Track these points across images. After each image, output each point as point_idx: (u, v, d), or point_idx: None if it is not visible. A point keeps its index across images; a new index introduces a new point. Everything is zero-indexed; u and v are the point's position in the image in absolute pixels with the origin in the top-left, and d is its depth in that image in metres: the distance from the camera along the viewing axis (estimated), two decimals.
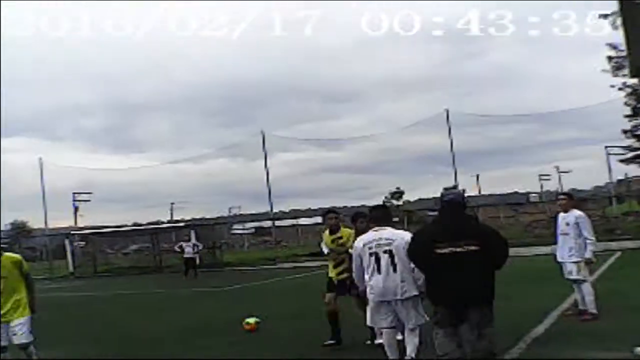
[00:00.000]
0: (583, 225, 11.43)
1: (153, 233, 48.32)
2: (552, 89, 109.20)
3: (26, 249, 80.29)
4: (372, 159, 69.80)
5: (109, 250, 58.08)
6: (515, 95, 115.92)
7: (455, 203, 7.18)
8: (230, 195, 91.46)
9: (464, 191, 48.85)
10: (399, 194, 62.51)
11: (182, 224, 48.65)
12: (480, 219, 39.99)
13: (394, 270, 7.79)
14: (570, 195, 12.66)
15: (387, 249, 7.85)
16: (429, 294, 7.24)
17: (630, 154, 44.41)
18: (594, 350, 8.72)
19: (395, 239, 7.89)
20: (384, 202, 53.78)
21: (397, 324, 8.07)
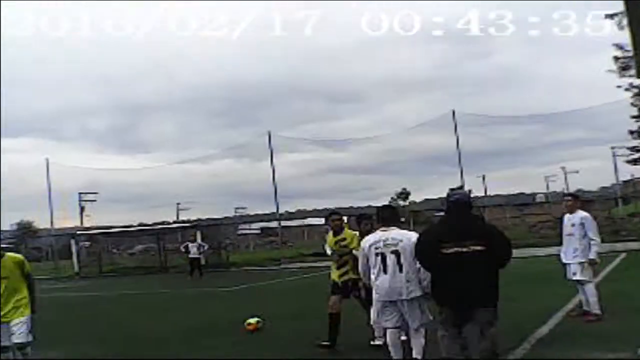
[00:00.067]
0: (588, 226, 11.40)
1: (159, 233, 48.35)
2: (558, 89, 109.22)
3: (32, 249, 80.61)
4: (378, 159, 69.86)
5: (114, 251, 58.14)
6: (520, 96, 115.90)
7: (461, 203, 7.23)
8: (237, 196, 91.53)
9: (470, 192, 48.94)
10: (404, 194, 62.53)
11: (188, 224, 48.68)
12: (487, 220, 40.05)
13: (400, 270, 7.78)
14: (576, 196, 12.64)
15: (394, 249, 7.84)
16: (435, 294, 7.27)
17: (637, 155, 44.32)
18: (599, 351, 8.67)
19: (402, 239, 7.87)
20: (390, 203, 53.74)
21: (402, 324, 8.07)
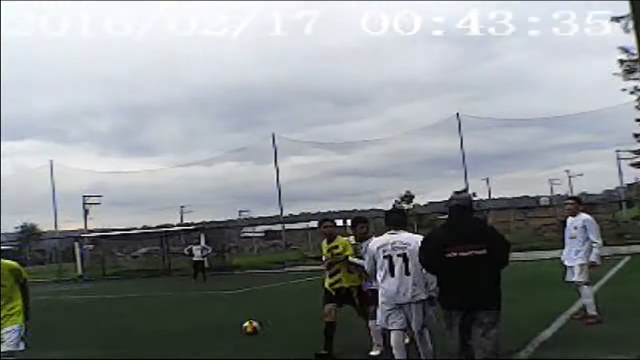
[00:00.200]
0: (590, 228, 11.41)
1: (162, 236, 48.37)
2: (562, 92, 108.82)
3: (35, 252, 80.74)
4: (382, 162, 69.92)
5: (118, 253, 58.18)
6: (525, 99, 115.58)
7: (461, 207, 7.26)
8: (241, 199, 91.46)
9: (473, 195, 48.84)
10: (409, 197, 62.32)
11: (192, 227, 48.68)
12: (490, 223, 39.97)
13: (407, 273, 7.83)
14: (579, 200, 12.69)
15: (402, 253, 7.89)
16: (441, 298, 7.31)
17: None
18: (602, 354, 8.66)
19: (411, 242, 7.90)
20: (394, 206, 53.67)
21: (407, 327, 8.10)
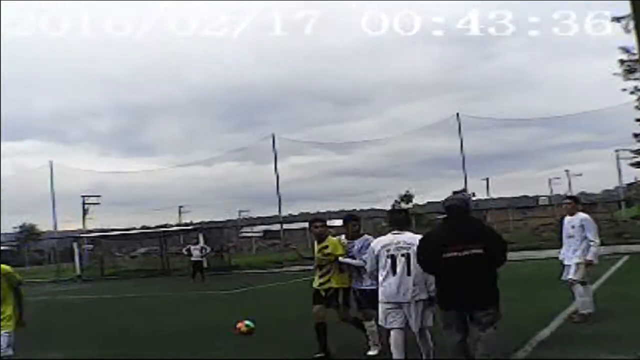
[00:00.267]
0: (588, 227, 11.44)
1: (161, 236, 48.34)
2: (562, 92, 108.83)
3: (34, 252, 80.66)
4: (382, 162, 69.85)
5: (116, 253, 58.09)
6: (525, 99, 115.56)
7: (456, 208, 7.38)
8: (240, 199, 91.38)
9: (473, 194, 48.82)
10: (408, 197, 62.25)
11: (191, 227, 48.65)
12: (489, 222, 39.98)
13: (409, 273, 7.87)
14: (576, 199, 12.75)
15: (406, 253, 7.93)
16: (439, 298, 7.42)
17: None
18: (600, 354, 8.63)
19: (414, 243, 7.91)
20: (394, 206, 53.63)
21: (406, 326, 8.12)
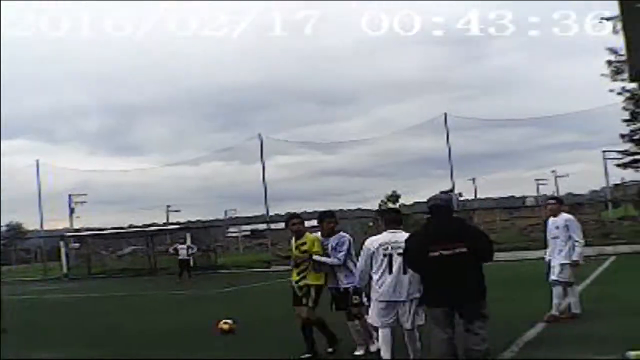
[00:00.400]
0: (572, 227, 11.56)
1: (148, 235, 48.24)
2: (550, 92, 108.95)
3: (21, 251, 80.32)
4: (369, 162, 69.65)
5: (103, 252, 57.83)
6: (512, 100, 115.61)
7: (439, 207, 7.52)
8: (227, 198, 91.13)
9: (459, 195, 48.82)
10: (395, 197, 62.26)
11: (178, 226, 48.54)
12: (476, 223, 40.06)
13: (405, 272, 7.94)
14: (560, 200, 12.89)
15: (402, 252, 7.93)
16: (425, 297, 7.52)
17: (627, 159, 44.43)
18: (586, 354, 8.67)
19: None
20: (380, 206, 53.63)
21: (396, 324, 8.23)
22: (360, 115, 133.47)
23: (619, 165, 45.97)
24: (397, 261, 7.96)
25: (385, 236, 8.29)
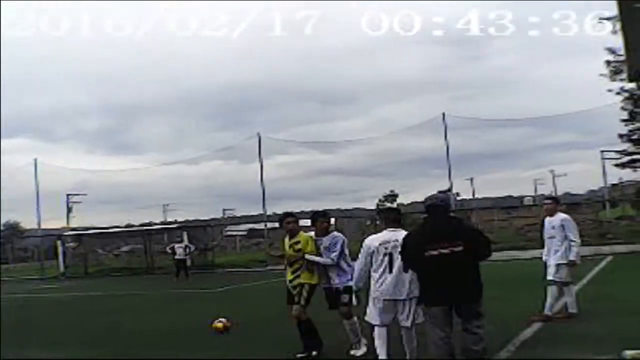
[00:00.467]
0: (568, 227, 11.57)
1: (145, 234, 48.21)
2: (549, 92, 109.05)
3: (18, 250, 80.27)
4: (367, 161, 69.74)
5: (100, 251, 57.82)
6: (511, 99, 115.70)
7: (436, 207, 7.53)
8: (225, 197, 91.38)
9: (457, 194, 48.79)
10: (392, 196, 62.24)
11: (175, 226, 48.49)
12: (474, 222, 40.03)
13: (405, 271, 7.96)
14: (557, 200, 12.89)
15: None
16: (422, 295, 7.53)
17: (626, 158, 44.54)
18: (582, 354, 8.67)
19: None
20: (378, 205, 53.67)
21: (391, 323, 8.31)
22: (359, 115, 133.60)
23: (617, 165, 46.08)
24: (398, 260, 7.97)
25: (386, 235, 8.33)
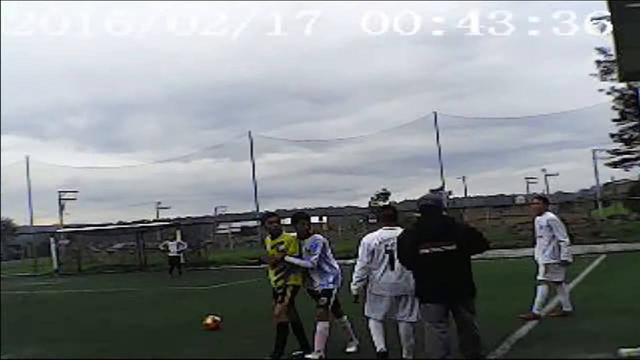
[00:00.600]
0: (555, 227, 11.61)
1: (138, 232, 48.14)
2: (540, 92, 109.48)
3: (10, 247, 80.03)
4: (359, 160, 69.71)
5: (93, 249, 57.78)
6: (503, 99, 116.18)
7: (429, 207, 7.67)
8: (217, 195, 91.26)
9: (449, 193, 48.95)
10: (385, 195, 62.41)
11: (168, 223, 48.43)
12: (466, 221, 40.11)
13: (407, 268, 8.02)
14: (545, 199, 12.91)
15: None
16: (417, 292, 7.64)
17: (617, 158, 44.77)
18: (578, 352, 8.69)
19: None
20: (370, 203, 53.87)
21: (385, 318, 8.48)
22: (350, 113, 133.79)
23: (608, 164, 46.26)
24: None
25: (384, 233, 8.44)
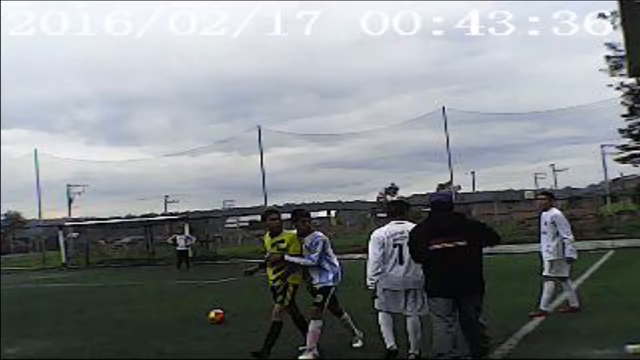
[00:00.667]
0: (559, 224, 11.52)
1: (146, 225, 48.24)
2: (550, 87, 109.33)
3: (19, 240, 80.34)
4: (367, 154, 69.99)
5: (102, 242, 57.96)
6: (512, 94, 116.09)
7: (441, 203, 7.74)
8: (226, 189, 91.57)
9: (458, 188, 48.94)
10: (393, 189, 62.44)
11: (176, 217, 48.52)
12: (475, 216, 40.07)
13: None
14: (551, 195, 12.74)
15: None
16: (426, 287, 7.67)
17: (626, 153, 44.56)
18: (585, 348, 8.69)
19: None
20: (378, 198, 53.84)
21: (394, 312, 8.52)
22: (359, 107, 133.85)
23: (617, 160, 46.10)
24: (407, 251, 8.06)
25: (393, 227, 8.47)
